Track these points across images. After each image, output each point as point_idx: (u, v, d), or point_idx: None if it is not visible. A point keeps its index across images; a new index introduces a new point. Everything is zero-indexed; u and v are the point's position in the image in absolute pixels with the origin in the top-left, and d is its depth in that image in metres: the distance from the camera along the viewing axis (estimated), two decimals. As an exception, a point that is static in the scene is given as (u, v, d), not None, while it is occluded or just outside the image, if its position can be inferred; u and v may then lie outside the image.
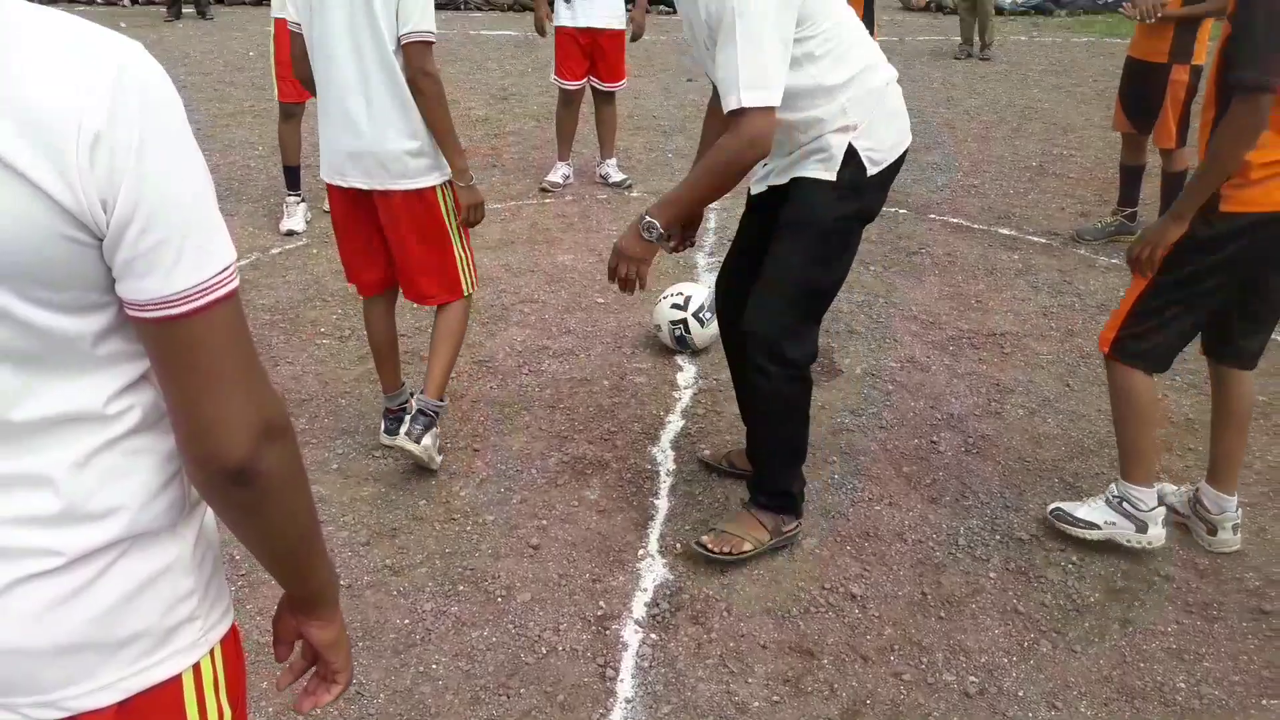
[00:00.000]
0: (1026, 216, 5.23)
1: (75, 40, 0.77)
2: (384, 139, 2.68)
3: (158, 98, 0.79)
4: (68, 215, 0.75)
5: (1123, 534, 2.58)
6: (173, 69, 8.81)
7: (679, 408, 3.37)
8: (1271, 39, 2.16)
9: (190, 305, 0.81)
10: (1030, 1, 12.53)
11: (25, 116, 0.73)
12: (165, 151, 0.79)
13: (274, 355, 3.67)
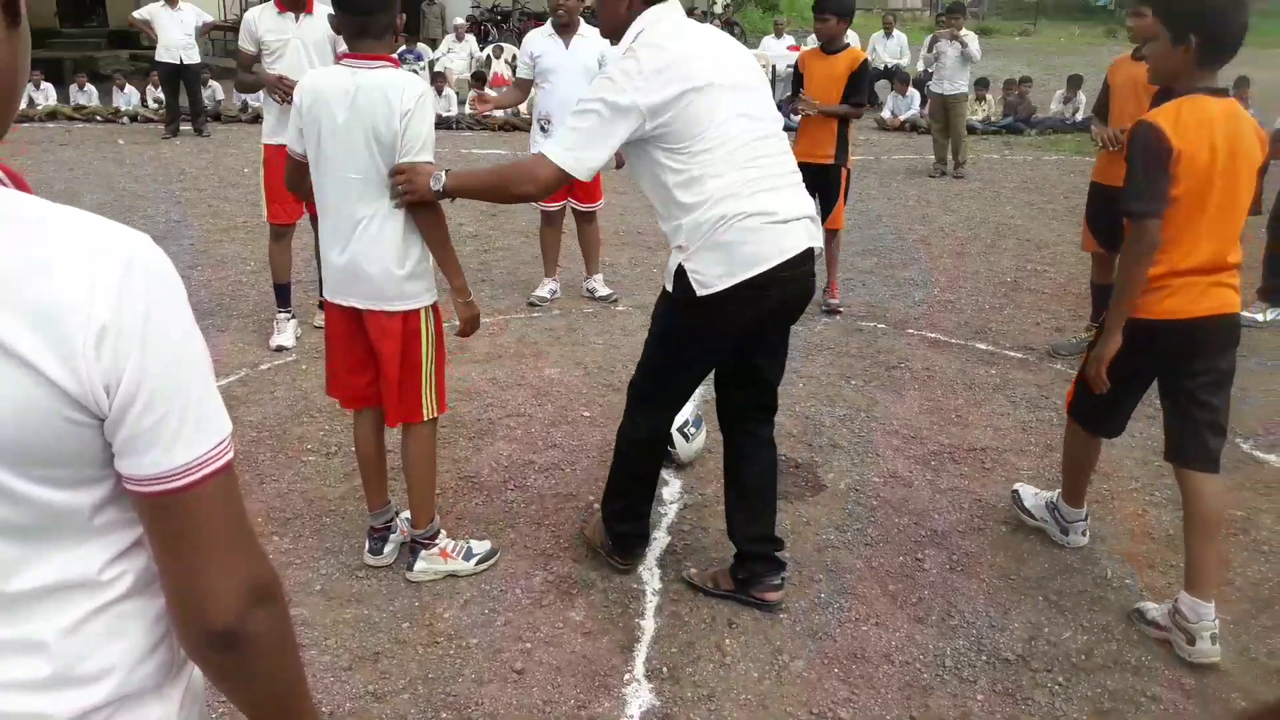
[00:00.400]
0: (1003, 331, 5.34)
1: (85, 235, 0.82)
2: (377, 263, 2.75)
3: (162, 287, 0.84)
4: (71, 400, 0.79)
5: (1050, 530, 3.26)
6: (169, 184, 9.05)
7: (665, 524, 3.38)
8: (1149, 174, 2.56)
9: (186, 479, 0.84)
10: (1001, 121, 13.00)
11: (36, 309, 0.77)
12: (167, 337, 0.83)
13: (260, 473, 3.68)
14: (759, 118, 2.62)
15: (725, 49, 2.67)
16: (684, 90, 2.47)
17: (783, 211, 2.55)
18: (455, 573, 3.02)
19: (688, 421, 3.73)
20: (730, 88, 2.56)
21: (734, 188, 2.51)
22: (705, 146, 2.51)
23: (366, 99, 2.65)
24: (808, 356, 4.97)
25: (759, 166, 2.56)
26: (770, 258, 2.52)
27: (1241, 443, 4.01)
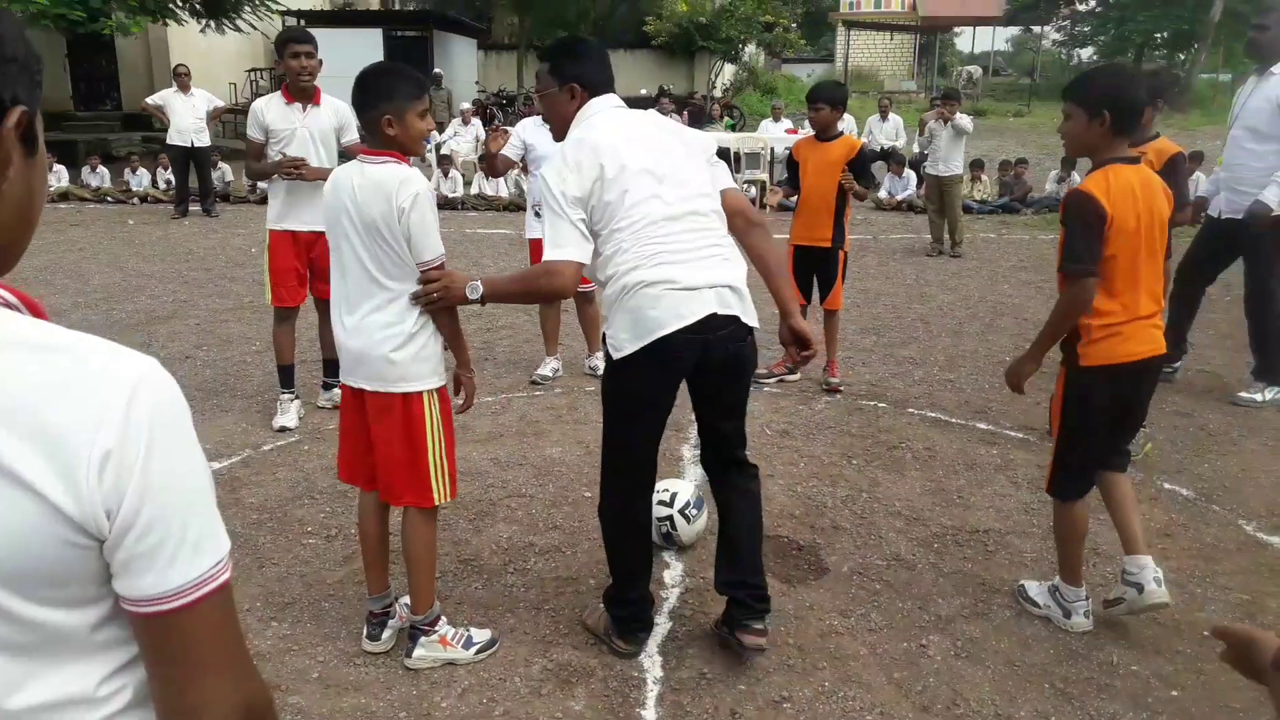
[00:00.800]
0: (1003, 411, 5.36)
1: (94, 361, 0.84)
2: (381, 346, 2.82)
3: (167, 412, 0.86)
4: (73, 524, 0.81)
5: (1054, 616, 3.28)
6: (177, 264, 9.17)
7: (666, 609, 3.35)
8: (1085, 238, 2.94)
9: (183, 600, 0.85)
10: (997, 201, 13.19)
11: (43, 436, 0.79)
12: (169, 461, 0.85)
13: (260, 556, 3.66)
14: (672, 200, 2.78)
15: (648, 136, 2.87)
16: (595, 180, 2.75)
17: (684, 280, 2.71)
18: (454, 661, 2.99)
19: (689, 503, 3.72)
20: (642, 172, 2.77)
21: (639, 261, 2.72)
22: (617, 227, 2.75)
23: (366, 193, 2.76)
24: (809, 436, 4.98)
25: (663, 242, 2.74)
26: (669, 323, 2.69)
27: (1245, 525, 4.00)
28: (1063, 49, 45.76)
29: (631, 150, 2.79)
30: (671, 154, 2.85)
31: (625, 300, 2.74)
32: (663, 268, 2.70)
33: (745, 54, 31.16)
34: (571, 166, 2.76)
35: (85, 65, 21.10)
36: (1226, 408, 5.43)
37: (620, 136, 2.82)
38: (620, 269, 2.74)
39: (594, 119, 2.88)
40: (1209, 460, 4.68)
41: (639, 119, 2.95)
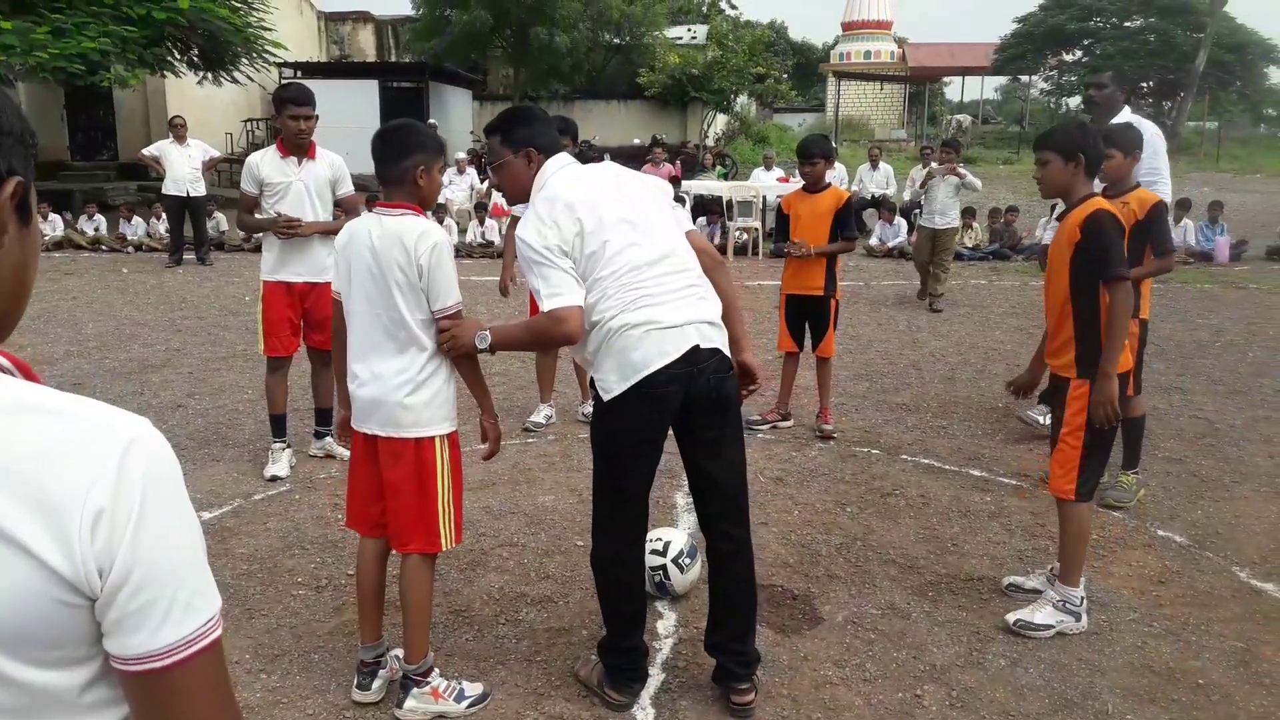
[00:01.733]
0: (996, 458, 5.36)
1: (87, 422, 0.85)
2: (396, 392, 2.89)
3: (159, 473, 0.87)
4: (66, 583, 0.81)
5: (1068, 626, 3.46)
6: (170, 313, 9.18)
7: (659, 659, 3.32)
8: (1115, 248, 3.35)
9: (175, 658, 0.85)
10: (988, 248, 13.30)
11: (37, 497, 0.80)
12: (160, 520, 0.86)
13: (249, 607, 3.63)
14: (649, 245, 2.87)
15: (614, 187, 2.96)
16: (576, 234, 2.82)
17: (666, 319, 2.80)
18: (445, 714, 2.96)
19: (682, 551, 3.71)
20: (619, 221, 2.86)
21: (622, 306, 2.80)
22: (599, 276, 2.82)
23: (385, 244, 2.85)
24: (802, 483, 4.97)
25: (644, 286, 2.82)
26: (654, 361, 2.78)
27: (1239, 571, 3.99)
28: (1050, 98, 46.44)
29: (604, 202, 2.87)
30: (639, 201, 2.95)
31: (611, 343, 2.81)
32: (645, 310, 2.79)
33: (737, 104, 31.57)
34: (549, 224, 2.82)
35: (83, 115, 21.30)
36: (1219, 454, 5.44)
37: (589, 191, 2.90)
38: (605, 315, 2.81)
39: (554, 178, 2.95)
40: (1202, 507, 4.68)
41: (599, 171, 3.04)
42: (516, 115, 3.12)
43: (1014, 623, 3.49)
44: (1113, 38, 37.57)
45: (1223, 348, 8.18)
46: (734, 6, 36.94)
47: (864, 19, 45.11)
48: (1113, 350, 3.37)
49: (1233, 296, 10.65)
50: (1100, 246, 3.35)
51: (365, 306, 2.91)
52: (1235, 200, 17.84)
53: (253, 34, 16.87)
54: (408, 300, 2.85)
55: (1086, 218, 3.39)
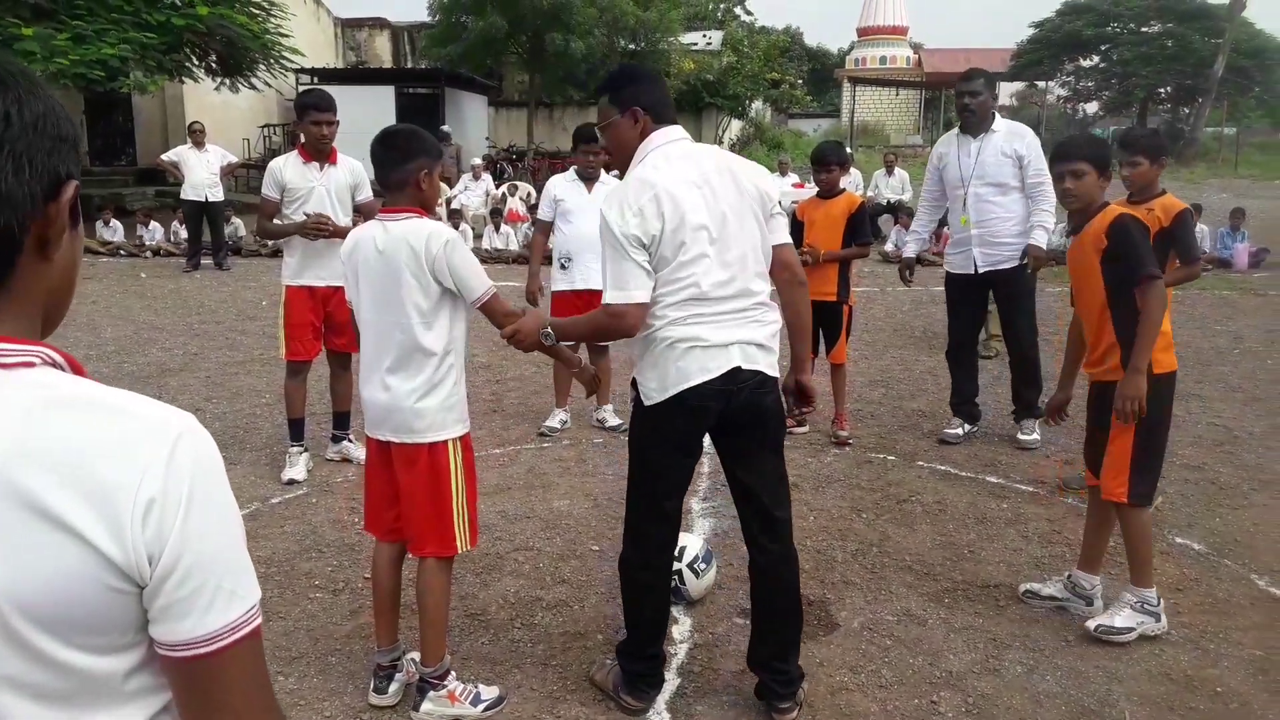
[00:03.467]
0: (1012, 464, 5.34)
1: (137, 416, 0.88)
2: (408, 397, 2.90)
3: (206, 465, 0.90)
4: (118, 570, 0.84)
5: (1149, 627, 3.45)
6: (188, 317, 9.24)
7: (674, 664, 3.32)
8: (1144, 249, 3.37)
9: (219, 644, 0.88)
10: (1004, 253, 13.24)
11: (91, 487, 0.83)
12: (207, 511, 0.89)
13: (267, 610, 3.64)
14: (720, 263, 2.79)
15: (708, 183, 2.80)
16: (658, 229, 2.73)
17: (712, 339, 2.78)
18: (461, 717, 2.97)
19: (697, 557, 3.71)
20: (699, 228, 2.76)
21: (674, 319, 2.79)
22: (665, 280, 2.77)
23: (392, 248, 2.87)
24: (818, 489, 4.97)
25: (700, 305, 2.78)
26: (694, 376, 2.78)
27: (1258, 579, 3.96)
28: (1067, 104, 46.26)
29: (691, 200, 2.76)
30: (728, 207, 2.81)
31: (654, 351, 2.82)
32: (693, 326, 2.78)
33: (752, 110, 31.59)
34: (634, 210, 2.73)
35: (102, 121, 21.52)
36: (1238, 461, 5.40)
37: (683, 181, 2.77)
38: (655, 323, 2.80)
39: (656, 155, 2.83)
40: (1220, 514, 4.65)
41: (702, 159, 2.86)
42: (625, 72, 3.07)
43: (1095, 629, 3.46)
44: (1130, 43, 37.40)
45: (1241, 354, 8.13)
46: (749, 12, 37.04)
47: (879, 24, 45.08)
48: (1143, 347, 3.36)
49: (1252, 303, 10.58)
50: (1130, 250, 3.37)
51: (374, 313, 2.93)
52: (1255, 206, 17.72)
53: (270, 40, 17.01)
54: (418, 304, 2.86)
55: (1111, 224, 3.41)
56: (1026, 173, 5.46)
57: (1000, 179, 5.49)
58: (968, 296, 5.83)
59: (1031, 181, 5.46)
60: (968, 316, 5.91)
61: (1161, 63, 36.03)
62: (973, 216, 5.59)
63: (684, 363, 2.77)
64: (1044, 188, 5.41)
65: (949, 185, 5.74)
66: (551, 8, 21.93)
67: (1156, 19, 37.41)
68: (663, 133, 2.88)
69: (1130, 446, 3.40)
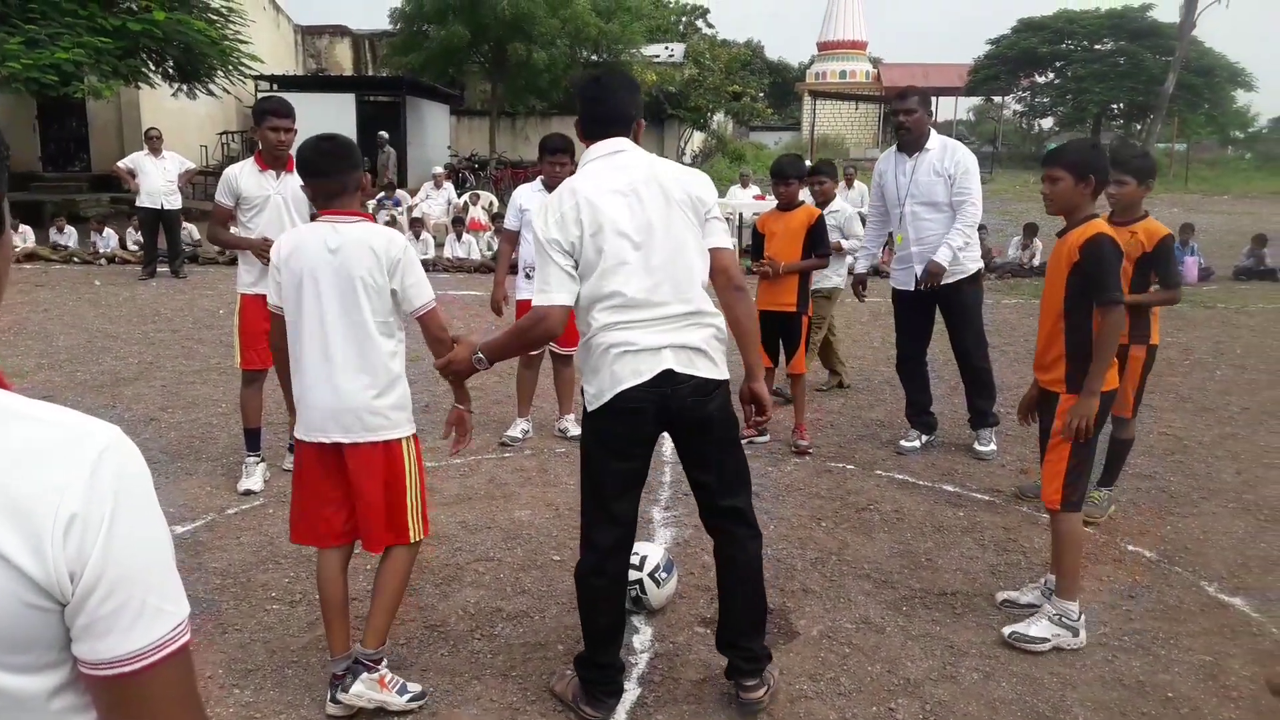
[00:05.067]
0: (969, 473, 5.41)
1: (60, 429, 0.86)
2: (361, 395, 2.93)
3: (130, 479, 0.88)
4: (38, 587, 0.82)
5: (1065, 641, 3.47)
6: (143, 325, 9.10)
7: (635, 674, 3.32)
8: (1112, 273, 3.42)
9: (142, 663, 0.86)
10: (961, 265, 13.41)
11: (11, 502, 0.81)
12: (131, 525, 0.87)
13: (222, 622, 3.60)
14: (644, 269, 2.86)
15: (633, 191, 2.88)
16: (577, 234, 2.85)
17: (643, 343, 2.85)
18: (386, 705, 2.99)
19: (659, 566, 3.71)
20: (619, 235, 2.85)
21: (603, 323, 2.88)
22: (592, 286, 2.88)
23: (350, 250, 2.90)
24: (778, 498, 5.00)
25: (633, 309, 2.85)
26: (626, 379, 2.85)
27: (1207, 586, 4.04)
28: (1023, 118, 47.02)
29: (613, 208, 2.85)
30: (655, 215, 2.87)
31: (592, 357, 2.93)
32: (625, 332, 2.85)
33: (714, 122, 31.76)
34: (555, 216, 2.87)
35: (55, 126, 21.14)
36: (1188, 470, 5.51)
37: (607, 189, 2.87)
38: (590, 330, 2.91)
39: (587, 166, 2.99)
40: (1171, 522, 4.74)
41: (632, 169, 2.92)
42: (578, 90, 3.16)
43: (1009, 635, 3.52)
44: (1084, 60, 38.21)
45: (1191, 366, 8.30)
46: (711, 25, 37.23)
47: (839, 39, 45.55)
48: (1097, 371, 3.43)
49: (1201, 316, 10.80)
50: (1098, 269, 3.41)
51: (321, 314, 2.93)
52: (1204, 221, 18.12)
53: (228, 47, 16.82)
54: (373, 304, 2.92)
55: (1087, 240, 3.44)
56: (952, 189, 5.51)
57: (933, 197, 5.55)
58: (913, 311, 5.89)
59: (956, 199, 5.50)
60: (914, 330, 5.96)
61: (1114, 79, 36.83)
62: (910, 234, 5.66)
63: (617, 366, 2.85)
64: (966, 206, 5.46)
65: (888, 202, 5.82)
66: (514, 18, 21.91)
67: (1109, 37, 38.26)
68: (599, 145, 2.99)
69: (1067, 456, 3.48)
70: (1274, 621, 3.73)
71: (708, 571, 4.10)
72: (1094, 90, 37.05)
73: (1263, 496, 5.09)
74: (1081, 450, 3.49)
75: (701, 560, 4.21)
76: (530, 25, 22.37)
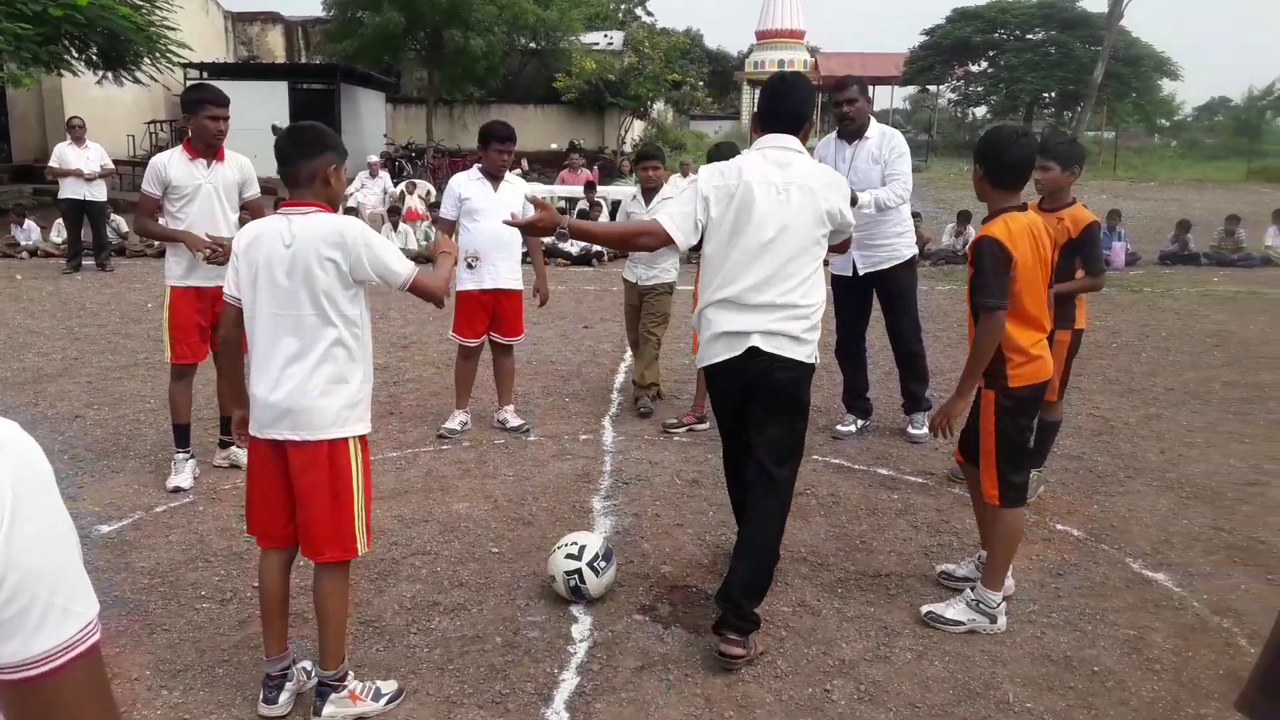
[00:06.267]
0: (903, 457, 5.49)
1: None
2: (310, 394, 2.84)
3: (31, 476, 0.84)
4: None
5: (981, 626, 3.51)
6: (67, 320, 8.85)
7: (574, 663, 3.32)
8: (994, 277, 3.32)
9: (51, 665, 0.83)
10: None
11: None
12: (34, 524, 0.83)
13: (150, 622, 3.51)
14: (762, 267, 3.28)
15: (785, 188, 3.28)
16: (727, 201, 3.30)
17: (738, 326, 3.32)
18: (364, 715, 2.93)
19: (597, 555, 3.70)
20: (759, 226, 3.26)
21: (714, 298, 3.37)
22: (712, 257, 3.37)
23: (305, 242, 2.81)
24: (718, 484, 5.01)
25: (738, 298, 3.31)
26: (721, 354, 3.38)
27: (1132, 562, 4.15)
28: (958, 108, 47.77)
29: (764, 199, 3.27)
30: (792, 216, 3.27)
31: (702, 326, 3.47)
32: (726, 314, 3.34)
33: (654, 110, 31.74)
34: (718, 181, 3.33)
35: (-27, 116, 20.39)
36: (1114, 450, 5.66)
37: (763, 180, 3.29)
38: (704, 298, 3.43)
39: (755, 154, 3.40)
40: (1098, 501, 4.86)
41: (790, 167, 3.32)
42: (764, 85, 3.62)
43: (925, 614, 3.59)
44: (1016, 49, 38.90)
45: (1118, 349, 8.52)
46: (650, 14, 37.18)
47: (778, 28, 45.83)
48: (968, 374, 3.44)
49: (1127, 300, 11.09)
50: (978, 274, 3.38)
51: (275, 308, 2.85)
52: (1131, 207, 18.59)
53: (155, 33, 16.34)
54: (331, 299, 2.83)
55: (975, 242, 3.45)
56: (886, 171, 5.59)
57: (871, 184, 5.61)
58: (850, 297, 5.96)
59: (888, 177, 5.57)
60: (852, 315, 6.03)
61: (1045, 69, 37.55)
62: None
63: (714, 344, 3.39)
64: (895, 182, 5.53)
65: None
66: (450, 5, 21.70)
67: (1041, 26, 38.98)
68: (770, 138, 3.40)
69: (994, 451, 3.51)
70: (1195, 596, 3.85)
71: (647, 560, 4.11)
72: (1026, 79, 37.77)
73: (1185, 474, 5.25)
74: (1006, 447, 3.49)
75: (640, 548, 4.22)
76: (467, 12, 22.17)
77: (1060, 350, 4.69)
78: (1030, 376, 3.49)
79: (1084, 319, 4.81)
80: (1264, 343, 8.80)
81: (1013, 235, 3.36)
